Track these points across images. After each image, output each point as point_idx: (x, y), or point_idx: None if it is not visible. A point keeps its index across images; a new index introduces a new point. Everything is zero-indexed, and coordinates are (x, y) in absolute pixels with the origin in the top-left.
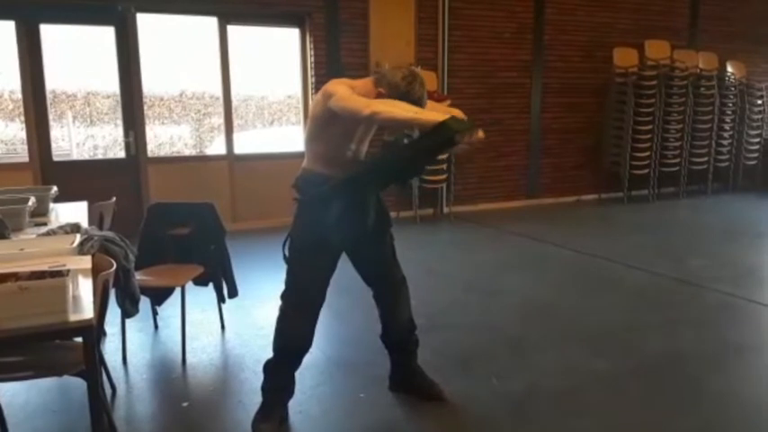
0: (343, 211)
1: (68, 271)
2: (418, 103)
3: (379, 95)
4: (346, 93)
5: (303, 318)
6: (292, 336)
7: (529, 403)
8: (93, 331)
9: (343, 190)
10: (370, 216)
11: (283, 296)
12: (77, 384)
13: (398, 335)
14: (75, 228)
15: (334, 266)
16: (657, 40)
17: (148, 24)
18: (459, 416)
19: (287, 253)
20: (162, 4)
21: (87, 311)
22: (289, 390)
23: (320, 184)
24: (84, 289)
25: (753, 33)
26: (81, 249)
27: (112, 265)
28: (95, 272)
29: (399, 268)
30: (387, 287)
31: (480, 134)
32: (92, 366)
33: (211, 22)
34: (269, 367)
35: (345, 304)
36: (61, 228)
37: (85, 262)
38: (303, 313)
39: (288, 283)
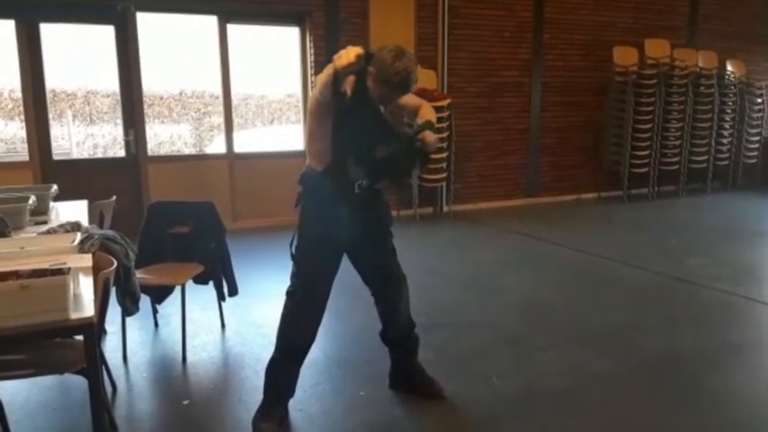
0: (346, 206)
1: (69, 269)
2: (407, 79)
3: (368, 75)
4: (322, 73)
5: (309, 314)
6: (297, 332)
7: (529, 402)
8: (94, 329)
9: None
10: (371, 211)
11: (289, 293)
12: (78, 382)
13: (398, 333)
14: (75, 226)
15: (338, 263)
16: (657, 38)
17: (148, 23)
18: (459, 414)
19: (294, 251)
20: (162, 3)
21: (88, 309)
22: (290, 388)
23: (320, 182)
24: (85, 287)
25: (752, 32)
26: (81, 248)
27: (113, 264)
28: (96, 270)
29: (399, 267)
30: (387, 286)
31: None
32: (92, 364)
33: (211, 21)
34: (272, 365)
35: (345, 303)
36: (62, 226)
37: (86, 260)
38: (309, 310)
39: (294, 279)
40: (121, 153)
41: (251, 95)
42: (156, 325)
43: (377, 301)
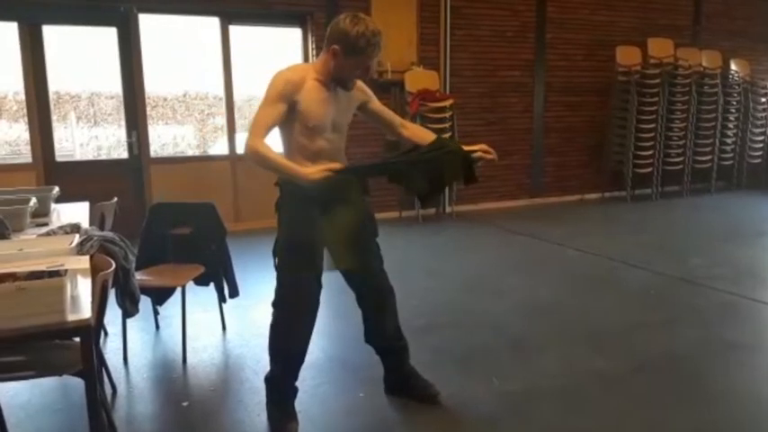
0: (322, 208)
1: (66, 271)
2: (373, 39)
3: (334, 54)
4: (261, 107)
5: (298, 324)
6: (289, 344)
7: (529, 403)
8: (91, 331)
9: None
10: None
11: (274, 304)
12: (79, 384)
13: (381, 343)
14: (75, 228)
15: (321, 269)
16: (660, 38)
17: (152, 25)
18: (459, 416)
19: (275, 260)
20: (164, 4)
21: (85, 311)
22: (294, 392)
23: (297, 186)
24: (84, 289)
25: (757, 31)
26: (81, 249)
27: (112, 265)
28: (95, 272)
29: (387, 278)
30: (373, 294)
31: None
32: (89, 366)
33: (213, 23)
34: (271, 381)
35: (345, 303)
36: (61, 228)
37: (83, 262)
38: (298, 320)
39: (278, 289)
40: (125, 154)
41: (255, 97)
42: (158, 326)
43: (361, 307)
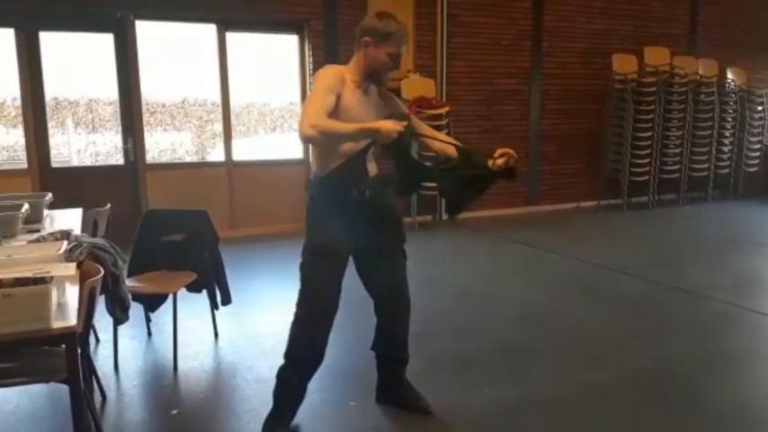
0: (350, 213)
1: (52, 278)
2: (399, 27)
3: (366, 45)
4: (313, 98)
5: (314, 325)
6: (302, 342)
7: (521, 412)
8: (76, 338)
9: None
10: (377, 224)
11: (297, 303)
12: (67, 390)
13: (388, 351)
14: (65, 234)
15: (340, 272)
16: (657, 46)
17: (150, 32)
18: (449, 425)
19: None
20: (160, 11)
21: (72, 318)
22: (300, 396)
23: (322, 188)
24: (72, 296)
25: (753, 40)
26: (70, 256)
27: (100, 272)
28: (83, 279)
29: (408, 289)
30: (392, 303)
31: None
32: (74, 373)
33: (210, 29)
34: (281, 373)
35: (340, 312)
36: (51, 234)
37: (70, 269)
38: (314, 321)
39: (300, 289)
40: (121, 161)
41: (253, 103)
42: (149, 333)
43: (378, 314)
